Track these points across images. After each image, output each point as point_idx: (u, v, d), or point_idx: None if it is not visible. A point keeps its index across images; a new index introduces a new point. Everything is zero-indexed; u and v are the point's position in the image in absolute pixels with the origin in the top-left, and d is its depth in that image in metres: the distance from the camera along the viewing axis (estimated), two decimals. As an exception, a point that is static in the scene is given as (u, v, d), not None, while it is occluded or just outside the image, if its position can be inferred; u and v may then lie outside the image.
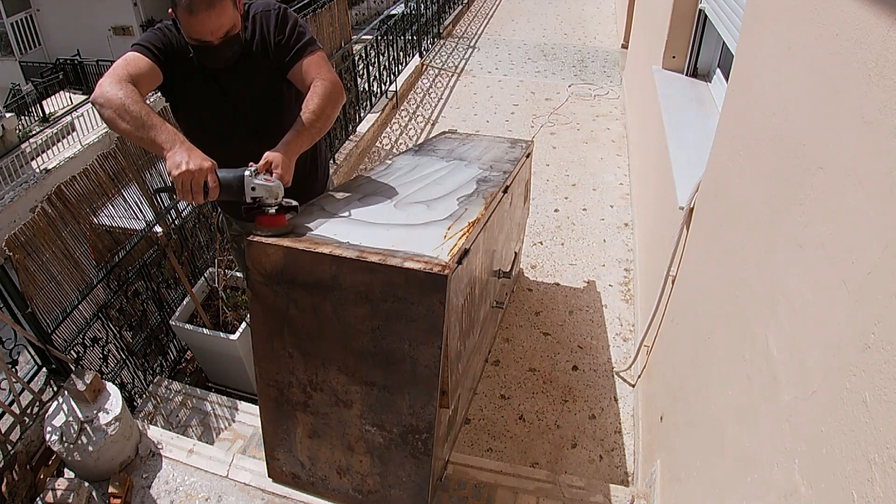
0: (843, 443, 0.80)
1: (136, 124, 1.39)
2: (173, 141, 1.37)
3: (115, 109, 1.40)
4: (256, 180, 1.38)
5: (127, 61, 1.54)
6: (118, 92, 1.42)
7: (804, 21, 1.15)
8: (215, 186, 1.35)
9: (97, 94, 1.44)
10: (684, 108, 2.91)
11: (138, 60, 1.55)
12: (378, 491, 1.56)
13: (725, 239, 1.56)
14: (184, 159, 1.32)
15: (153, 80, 1.59)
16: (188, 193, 1.34)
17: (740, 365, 1.27)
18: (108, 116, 1.42)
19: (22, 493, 1.87)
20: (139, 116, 1.39)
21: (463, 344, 1.59)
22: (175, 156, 1.34)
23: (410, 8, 6.34)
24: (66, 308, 2.19)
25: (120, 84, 1.44)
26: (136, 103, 1.40)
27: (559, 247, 3.65)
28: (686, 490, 1.57)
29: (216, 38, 1.56)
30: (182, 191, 1.33)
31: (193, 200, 1.35)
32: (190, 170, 1.32)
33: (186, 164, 1.32)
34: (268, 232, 1.40)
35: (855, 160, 0.88)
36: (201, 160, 1.34)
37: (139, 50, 1.57)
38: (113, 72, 1.49)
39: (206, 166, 1.34)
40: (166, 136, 1.38)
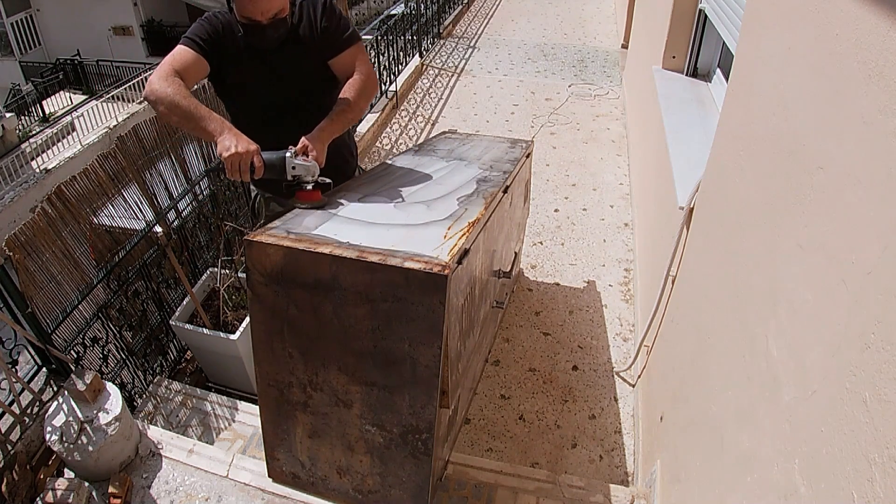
0: (843, 443, 0.80)
1: (186, 117, 1.56)
2: (222, 128, 1.55)
3: (167, 105, 1.57)
4: (296, 161, 1.58)
5: (174, 56, 1.69)
6: (167, 88, 1.58)
7: (804, 21, 1.15)
8: (261, 166, 1.54)
9: (148, 91, 1.61)
10: (684, 108, 2.91)
11: (184, 54, 1.70)
12: (378, 491, 1.56)
13: (725, 239, 1.56)
14: (233, 143, 1.51)
15: (200, 71, 1.74)
16: (236, 172, 1.52)
17: (740, 365, 1.27)
18: (160, 111, 1.61)
19: (22, 493, 1.87)
20: (188, 110, 1.56)
21: (463, 344, 1.59)
22: (224, 140, 1.52)
23: (410, 8, 6.34)
24: (66, 308, 2.19)
25: (168, 80, 1.60)
26: (184, 98, 1.57)
27: (559, 247, 3.65)
28: (686, 490, 1.57)
29: (265, 19, 1.68)
30: (231, 170, 1.52)
31: (241, 178, 1.53)
32: (238, 152, 1.50)
33: (235, 147, 1.50)
34: (306, 205, 1.61)
35: (855, 160, 0.88)
36: (248, 143, 1.53)
37: (186, 43, 1.72)
38: (161, 68, 1.65)
39: (253, 149, 1.52)
40: (215, 124, 1.56)
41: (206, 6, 13.95)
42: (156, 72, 1.64)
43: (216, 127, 1.55)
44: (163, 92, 1.58)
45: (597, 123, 5.27)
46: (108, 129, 8.69)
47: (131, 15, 14.16)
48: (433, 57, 6.96)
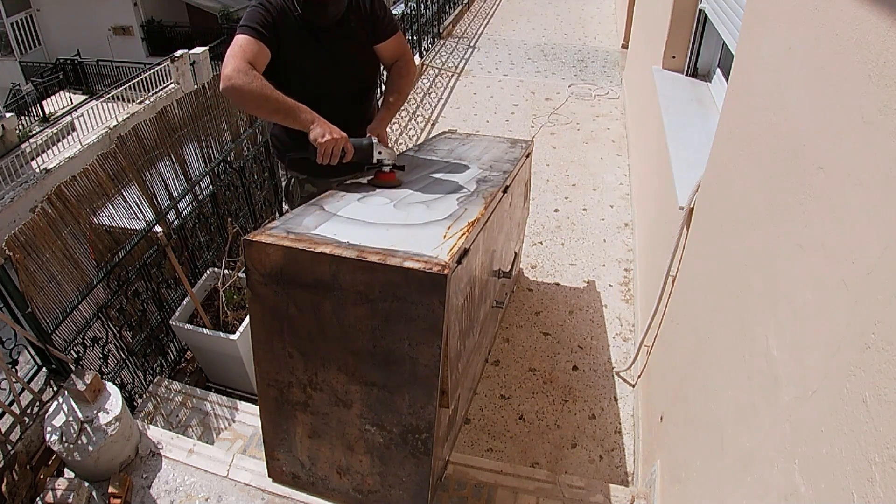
0: (843, 443, 0.80)
1: (276, 109, 1.70)
2: (313, 116, 1.71)
3: (254, 98, 1.67)
4: (380, 146, 1.81)
5: (242, 48, 1.73)
6: (252, 81, 1.66)
7: (804, 21, 1.15)
8: (351, 150, 1.73)
9: (229, 85, 1.67)
10: (684, 108, 2.91)
11: (251, 44, 1.75)
12: (378, 491, 1.56)
13: (725, 239, 1.56)
14: (327, 130, 1.68)
15: (265, 60, 1.80)
16: (328, 156, 1.69)
17: (740, 365, 1.27)
18: (244, 103, 1.71)
19: (22, 493, 1.87)
20: (279, 101, 1.69)
21: (463, 344, 1.59)
22: (317, 128, 1.68)
23: (410, 8, 6.34)
24: (66, 308, 2.19)
25: (249, 73, 1.68)
26: (271, 90, 1.68)
27: (559, 247, 3.65)
28: (686, 490, 1.56)
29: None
30: (325, 154, 1.68)
31: (330, 161, 1.69)
32: (334, 138, 1.67)
33: (331, 134, 1.68)
34: (387, 184, 1.83)
35: (855, 160, 0.88)
36: (338, 131, 1.70)
37: (247, 33, 1.76)
38: (234, 60, 1.70)
39: (344, 135, 1.70)
40: (307, 114, 1.70)
41: (207, 6, 13.96)
42: (230, 65, 1.69)
43: (308, 116, 1.70)
44: (248, 85, 1.65)
45: (597, 123, 5.27)
46: (108, 129, 8.68)
47: (131, 15, 14.16)
48: (433, 57, 6.96)
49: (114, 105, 9.38)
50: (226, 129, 3.10)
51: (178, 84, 9.38)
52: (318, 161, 1.70)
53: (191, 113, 2.83)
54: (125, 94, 9.56)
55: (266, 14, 1.80)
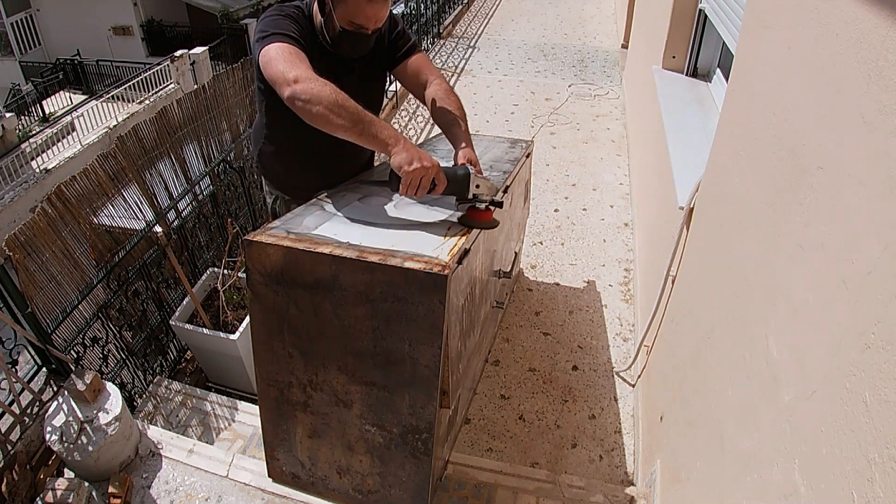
0: (843, 443, 0.80)
1: (353, 120, 1.38)
2: (397, 138, 1.39)
3: (328, 106, 1.36)
4: (479, 178, 1.47)
5: (297, 55, 1.48)
6: (325, 88, 1.38)
7: (804, 21, 1.15)
8: (444, 182, 1.41)
9: (301, 89, 1.38)
10: (684, 108, 2.91)
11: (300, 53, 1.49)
12: (378, 491, 1.56)
13: (725, 239, 1.56)
14: (415, 156, 1.36)
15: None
16: (415, 188, 1.38)
17: (740, 365, 1.27)
18: (319, 113, 1.37)
19: (22, 493, 1.87)
20: (355, 112, 1.38)
21: (463, 344, 1.59)
22: (404, 152, 1.37)
23: (410, 8, 6.34)
24: (66, 308, 2.19)
25: (321, 79, 1.40)
26: (347, 100, 1.38)
27: (559, 247, 3.65)
28: (686, 490, 1.57)
29: (373, 28, 1.61)
30: (411, 186, 1.37)
31: (416, 194, 1.39)
32: (425, 166, 1.36)
33: (420, 161, 1.36)
34: (480, 225, 1.50)
35: (855, 160, 0.88)
36: (430, 157, 1.38)
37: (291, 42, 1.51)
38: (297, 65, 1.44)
39: (437, 164, 1.39)
40: (388, 132, 1.39)
41: (207, 6, 13.96)
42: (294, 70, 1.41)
43: (390, 135, 1.39)
44: (320, 91, 1.37)
45: (597, 123, 5.27)
46: (108, 129, 8.69)
47: (131, 15, 14.15)
48: (433, 57, 6.96)
49: (114, 105, 9.37)
50: (226, 129, 3.10)
51: (178, 84, 9.38)
52: (401, 193, 1.40)
53: (191, 113, 2.83)
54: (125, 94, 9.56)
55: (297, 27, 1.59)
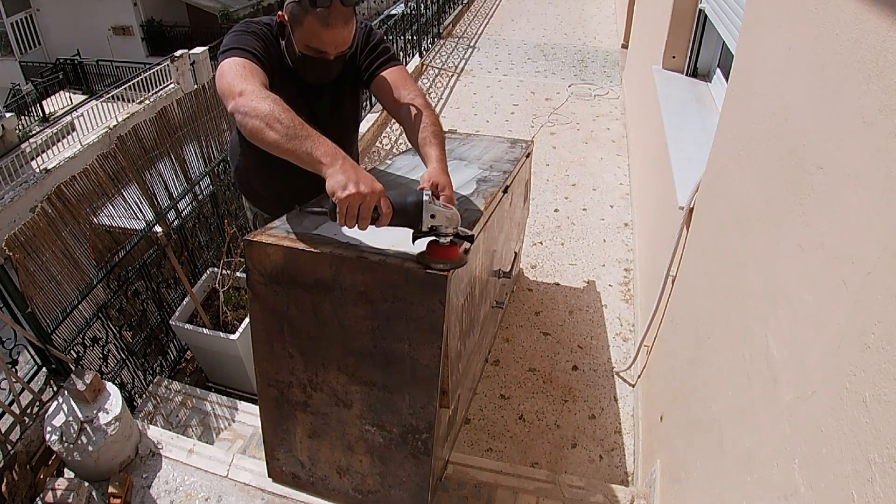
0: (843, 443, 0.80)
1: (288, 134, 1.23)
2: (334, 156, 1.19)
3: (265, 118, 1.24)
4: (435, 206, 1.20)
5: (251, 70, 1.40)
6: (265, 101, 1.27)
7: (804, 21, 1.15)
8: (389, 213, 1.19)
9: (241, 103, 1.29)
10: (684, 108, 2.91)
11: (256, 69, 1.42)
12: (378, 491, 1.56)
13: (725, 239, 1.56)
14: (352, 179, 1.15)
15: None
16: (353, 218, 1.16)
17: (740, 365, 1.27)
18: (254, 127, 1.27)
19: (22, 493, 1.87)
20: (291, 126, 1.23)
21: (463, 344, 1.59)
22: (338, 174, 1.16)
23: (410, 8, 6.34)
24: (66, 308, 2.19)
25: (265, 92, 1.31)
26: (286, 111, 1.25)
27: (559, 247, 3.65)
28: (686, 490, 1.57)
29: (334, 53, 1.52)
30: (347, 215, 1.16)
31: (358, 226, 1.18)
32: (361, 192, 1.14)
33: (356, 186, 1.13)
34: (444, 265, 1.23)
35: (855, 160, 0.88)
36: (372, 181, 1.16)
37: (249, 58, 1.44)
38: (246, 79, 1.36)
39: (379, 189, 1.16)
40: (325, 148, 1.20)
41: (207, 6, 13.96)
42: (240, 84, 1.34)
43: (326, 152, 1.19)
44: (259, 104, 1.26)
45: (597, 123, 5.27)
46: (108, 129, 8.69)
47: (131, 15, 14.16)
48: (433, 57, 6.96)
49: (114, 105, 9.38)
50: (226, 129, 3.10)
51: (178, 84, 9.39)
52: (339, 223, 1.19)
53: (191, 113, 2.83)
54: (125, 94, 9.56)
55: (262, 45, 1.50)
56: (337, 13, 1.43)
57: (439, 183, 1.31)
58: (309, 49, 1.51)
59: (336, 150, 1.22)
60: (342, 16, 1.44)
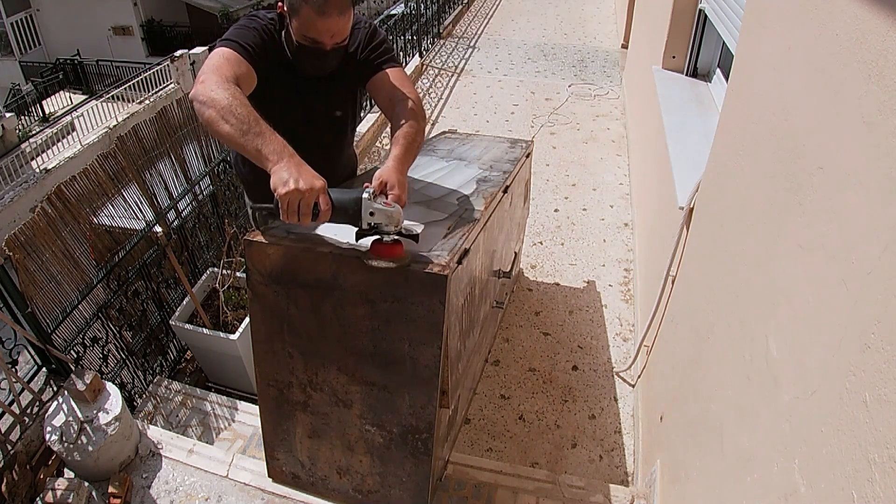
0: (843, 443, 0.80)
1: (241, 129, 1.26)
2: (280, 153, 1.23)
3: (221, 111, 1.28)
4: (376, 204, 1.23)
5: (229, 61, 1.44)
6: (224, 92, 1.30)
7: (804, 21, 1.15)
8: (328, 209, 1.22)
9: (200, 91, 1.32)
10: (684, 108, 2.91)
11: (240, 62, 1.46)
12: (378, 491, 1.56)
13: (725, 239, 1.56)
14: (293, 176, 1.18)
15: (250, 82, 1.50)
16: (294, 214, 1.19)
17: (740, 365, 1.27)
18: (209, 117, 1.30)
19: (22, 493, 1.87)
20: (246, 121, 1.26)
21: (463, 344, 1.59)
22: (281, 171, 1.20)
23: (410, 8, 6.34)
24: (66, 308, 2.19)
25: (227, 84, 1.33)
26: (243, 106, 1.29)
27: (559, 247, 3.65)
28: (686, 490, 1.57)
29: (331, 44, 1.52)
30: (288, 211, 1.19)
31: (300, 222, 1.21)
32: (300, 189, 1.17)
33: (296, 183, 1.17)
34: (386, 262, 1.26)
35: (855, 160, 0.88)
36: (313, 178, 1.20)
37: (237, 50, 1.47)
38: (216, 70, 1.39)
39: (318, 185, 1.20)
40: (273, 146, 1.24)
41: (207, 6, 13.96)
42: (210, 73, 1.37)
43: (273, 150, 1.23)
44: (219, 95, 1.29)
45: (597, 123, 5.27)
46: (108, 129, 8.69)
47: (131, 15, 14.16)
48: (433, 57, 6.96)
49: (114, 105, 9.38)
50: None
51: (178, 84, 9.38)
52: (282, 219, 1.22)
53: (191, 113, 2.83)
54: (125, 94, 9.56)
55: (259, 38, 1.54)
56: (332, 2, 1.45)
57: (389, 182, 1.32)
58: (306, 39, 1.53)
59: (284, 148, 1.25)
60: (337, 5, 1.46)
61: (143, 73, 9.71)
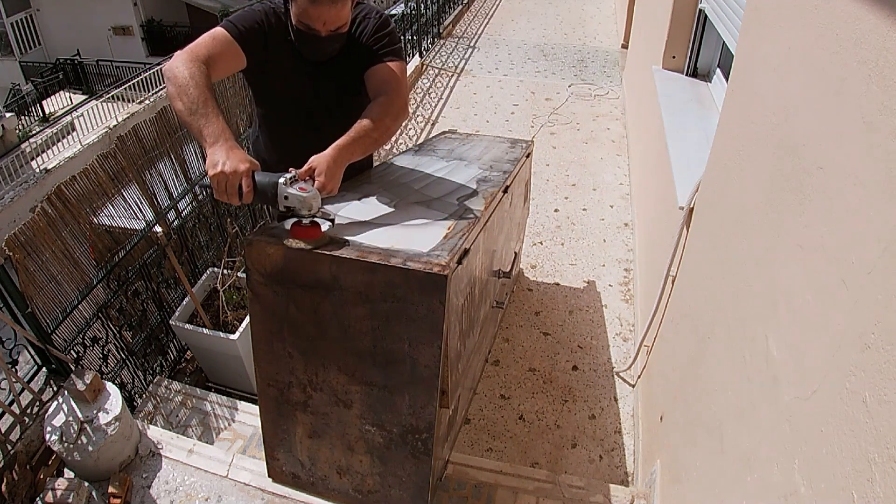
0: (843, 443, 0.80)
1: (190, 108, 1.33)
2: (217, 136, 1.30)
3: (178, 87, 1.35)
4: (290, 189, 1.29)
5: (213, 39, 1.51)
6: (186, 70, 1.37)
7: (804, 21, 1.15)
8: (249, 191, 1.29)
9: (169, 66, 1.40)
10: (684, 108, 2.91)
11: (224, 41, 1.52)
12: (378, 491, 1.56)
13: (725, 239, 1.56)
14: (221, 159, 1.26)
15: (233, 63, 1.55)
16: (223, 194, 1.29)
17: (740, 365, 1.27)
18: (169, 92, 1.38)
19: (22, 493, 1.87)
20: (196, 101, 1.33)
21: (463, 344, 1.59)
22: (214, 154, 1.28)
23: (410, 8, 6.34)
24: (66, 308, 2.19)
25: (192, 62, 1.40)
26: (197, 87, 1.35)
27: (559, 247, 3.65)
28: (686, 490, 1.57)
29: (326, 31, 1.56)
30: (217, 191, 1.29)
31: (228, 201, 1.30)
32: (224, 171, 1.25)
33: (222, 165, 1.26)
34: (303, 244, 1.34)
35: (855, 160, 0.88)
36: (238, 162, 1.27)
37: (229, 29, 1.54)
38: (192, 46, 1.46)
39: (242, 169, 1.26)
40: (213, 129, 1.31)
41: (207, 6, 13.96)
42: (186, 49, 1.45)
43: (211, 132, 1.30)
44: (180, 72, 1.36)
45: (597, 123, 5.27)
46: (108, 129, 8.69)
47: (131, 15, 14.16)
48: (433, 57, 6.96)
49: (114, 105, 9.38)
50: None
51: (178, 84, 9.36)
52: (216, 197, 1.31)
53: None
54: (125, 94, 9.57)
55: (258, 21, 1.59)
56: None
57: (318, 168, 1.36)
58: (301, 25, 1.56)
59: (222, 132, 1.32)
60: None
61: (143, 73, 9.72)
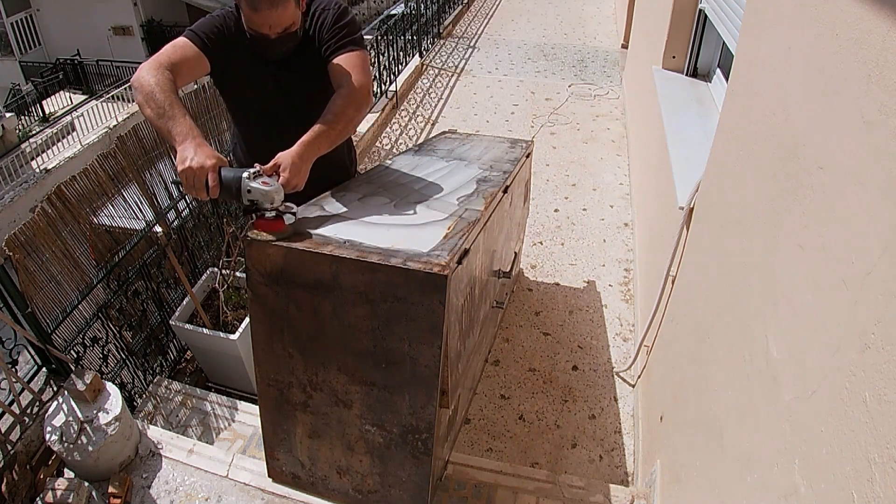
0: (843, 443, 0.80)
1: (158, 112, 1.42)
2: (186, 135, 1.39)
3: (145, 95, 1.44)
4: (253, 184, 1.36)
5: (175, 47, 1.59)
6: (151, 78, 1.46)
7: (804, 21, 1.15)
8: (215, 185, 1.35)
9: (135, 76, 1.49)
10: (684, 108, 2.91)
11: (185, 48, 1.60)
12: (378, 491, 1.56)
13: (725, 239, 1.56)
14: (189, 155, 1.35)
15: (197, 69, 1.63)
16: (191, 189, 1.36)
17: (740, 365, 1.27)
18: (138, 101, 1.47)
19: (22, 493, 1.87)
20: (162, 105, 1.42)
21: (463, 344, 1.59)
22: (183, 150, 1.36)
23: (410, 8, 6.33)
24: (66, 308, 2.19)
25: (157, 70, 1.49)
26: (163, 92, 1.44)
27: (559, 247, 3.65)
28: (686, 490, 1.57)
29: (273, 34, 1.62)
30: (186, 185, 1.36)
31: (196, 195, 1.37)
32: (191, 167, 1.33)
33: (190, 161, 1.34)
34: (263, 235, 1.39)
35: (855, 160, 0.88)
36: (205, 158, 1.34)
37: (190, 37, 1.62)
38: (156, 56, 1.54)
39: (208, 164, 1.34)
40: (181, 128, 1.40)
41: (207, 6, 13.95)
42: (151, 59, 1.53)
43: (180, 132, 1.39)
44: (146, 80, 1.45)
45: (597, 123, 5.27)
46: (108, 129, 8.69)
47: (131, 15, 14.15)
48: (433, 57, 6.96)
49: (114, 105, 9.38)
50: (226, 129, 3.10)
51: (178, 84, 9.37)
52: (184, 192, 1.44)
53: (191, 113, 2.82)
54: (125, 94, 9.56)
55: (218, 27, 1.65)
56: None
57: (283, 164, 1.43)
58: (251, 30, 1.63)
59: (190, 130, 1.40)
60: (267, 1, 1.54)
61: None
